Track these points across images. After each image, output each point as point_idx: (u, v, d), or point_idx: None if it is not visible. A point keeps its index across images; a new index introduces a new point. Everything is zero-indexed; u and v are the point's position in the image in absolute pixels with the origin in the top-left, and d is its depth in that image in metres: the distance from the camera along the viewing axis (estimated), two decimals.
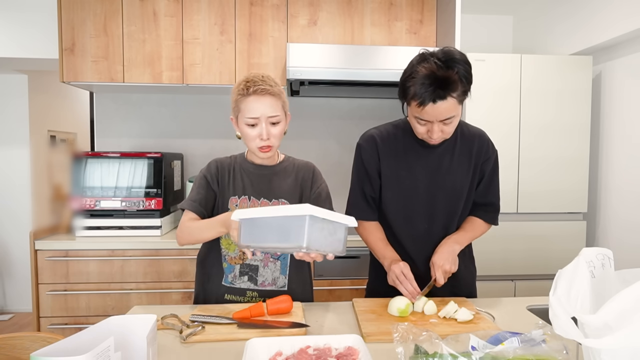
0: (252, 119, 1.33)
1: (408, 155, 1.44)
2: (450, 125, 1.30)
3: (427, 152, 1.43)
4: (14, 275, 3.85)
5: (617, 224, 2.53)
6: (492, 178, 1.51)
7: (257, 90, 1.32)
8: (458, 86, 1.22)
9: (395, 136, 1.46)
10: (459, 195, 1.46)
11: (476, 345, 0.87)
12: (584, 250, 0.82)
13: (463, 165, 1.44)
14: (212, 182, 1.43)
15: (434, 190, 1.43)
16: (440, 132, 1.30)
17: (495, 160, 1.50)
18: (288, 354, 0.99)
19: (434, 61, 1.22)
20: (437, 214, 1.45)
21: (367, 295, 1.59)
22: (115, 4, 2.47)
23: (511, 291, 2.56)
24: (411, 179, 1.43)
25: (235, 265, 1.43)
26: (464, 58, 1.25)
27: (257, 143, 1.35)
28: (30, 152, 3.67)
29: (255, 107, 1.32)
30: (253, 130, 1.34)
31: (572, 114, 2.53)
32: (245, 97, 1.33)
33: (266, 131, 1.33)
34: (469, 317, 1.22)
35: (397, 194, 1.45)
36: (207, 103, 2.93)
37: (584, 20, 2.57)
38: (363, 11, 2.61)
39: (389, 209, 1.48)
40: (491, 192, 1.52)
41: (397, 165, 1.44)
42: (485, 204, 1.53)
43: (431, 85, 1.20)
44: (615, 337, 0.64)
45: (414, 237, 1.46)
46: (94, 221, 2.42)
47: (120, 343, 0.83)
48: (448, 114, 1.26)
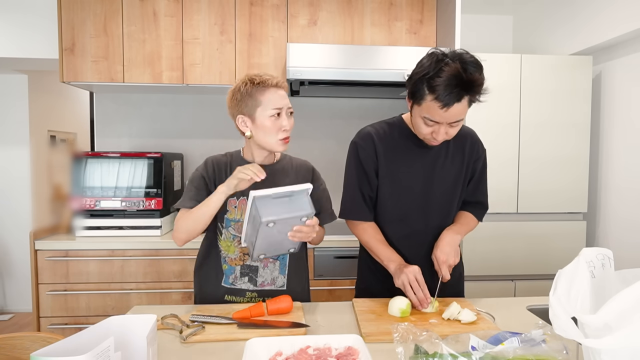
0: (277, 109, 1.35)
1: (405, 154, 1.43)
2: (456, 128, 1.29)
3: (423, 152, 1.43)
4: (14, 275, 3.85)
5: (617, 224, 2.53)
6: (481, 177, 1.52)
7: (277, 83, 1.37)
8: (479, 90, 1.23)
9: (392, 135, 1.45)
10: (453, 194, 1.46)
11: (476, 345, 0.87)
12: (584, 250, 0.82)
13: (456, 164, 1.45)
14: (210, 183, 1.41)
15: (430, 189, 1.43)
16: (445, 134, 1.29)
17: (484, 159, 1.51)
18: (288, 354, 0.99)
19: (459, 62, 1.20)
20: (432, 214, 1.45)
21: (358, 295, 1.59)
22: (115, 4, 2.47)
23: (511, 291, 2.56)
24: (408, 178, 1.43)
25: (236, 266, 1.43)
26: (478, 62, 1.24)
27: (280, 135, 1.36)
28: (30, 152, 3.67)
29: (277, 98, 1.36)
30: (276, 122, 1.35)
31: (572, 114, 2.53)
32: (265, 89, 1.35)
33: (288, 121, 1.36)
34: (473, 318, 1.21)
35: (393, 193, 1.44)
36: (207, 103, 2.93)
37: (584, 20, 2.57)
38: (363, 11, 2.61)
39: (385, 209, 1.46)
40: (480, 191, 1.53)
41: (394, 164, 1.44)
42: (474, 202, 1.53)
43: (457, 86, 1.18)
44: (615, 337, 0.64)
45: (409, 237, 1.45)
46: (94, 221, 2.42)
47: (120, 343, 0.83)
48: (459, 117, 1.25)
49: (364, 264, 1.57)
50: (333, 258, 2.39)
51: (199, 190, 1.40)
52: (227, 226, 1.43)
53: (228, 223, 1.42)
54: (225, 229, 1.43)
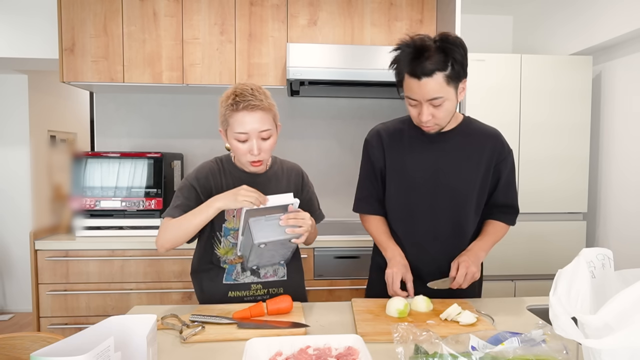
0: (242, 134, 1.29)
1: (413, 148, 1.42)
2: (440, 109, 1.28)
3: (433, 147, 1.41)
4: (14, 275, 3.85)
5: (617, 224, 2.53)
6: (509, 179, 1.48)
7: (248, 105, 1.27)
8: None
9: (401, 130, 1.46)
10: (466, 194, 1.42)
11: (476, 345, 0.87)
12: (584, 250, 0.82)
13: (473, 163, 1.41)
14: (202, 194, 1.37)
15: (437, 184, 1.40)
16: (430, 115, 1.28)
17: (511, 160, 1.47)
18: (288, 354, 0.99)
19: (430, 40, 1.26)
20: (440, 211, 1.42)
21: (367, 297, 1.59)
22: (115, 4, 2.47)
23: (511, 291, 2.56)
24: (413, 171, 1.42)
25: (237, 264, 1.44)
26: (458, 41, 1.26)
27: (248, 158, 1.32)
28: (30, 152, 3.67)
29: (246, 121, 1.28)
30: (243, 145, 1.31)
31: (572, 114, 2.53)
32: (235, 112, 1.28)
33: (257, 146, 1.30)
34: (472, 320, 1.19)
35: (399, 187, 1.44)
36: (207, 103, 2.93)
37: (584, 20, 2.57)
38: (363, 11, 2.61)
39: (392, 203, 1.47)
40: (510, 194, 1.49)
41: (400, 157, 1.43)
42: (504, 206, 1.49)
43: (427, 58, 1.22)
44: (616, 337, 0.64)
45: (418, 235, 1.44)
46: (94, 221, 2.42)
47: (120, 343, 0.82)
48: (435, 94, 1.24)
49: (376, 267, 1.56)
50: (333, 258, 2.39)
51: (188, 201, 1.36)
52: (226, 235, 1.42)
53: (227, 232, 1.42)
54: (224, 237, 1.42)
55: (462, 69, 1.27)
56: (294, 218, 1.27)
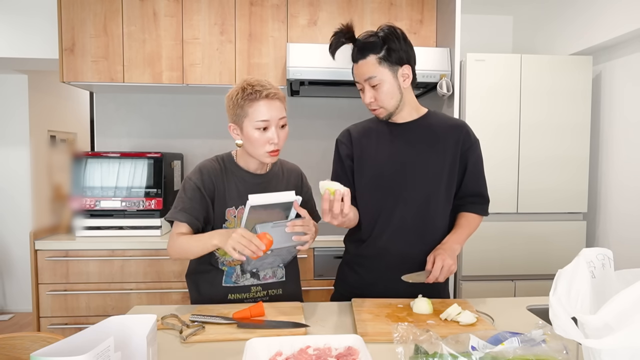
0: (264, 122, 1.31)
1: (379, 141, 1.46)
2: (379, 92, 1.36)
3: (398, 139, 1.44)
4: (14, 275, 3.85)
5: (617, 224, 2.53)
6: (477, 167, 1.48)
7: (269, 94, 1.31)
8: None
9: (370, 127, 1.51)
10: (434, 184, 1.42)
11: (476, 345, 0.87)
12: (584, 250, 0.81)
13: (438, 153, 1.42)
14: (206, 194, 1.37)
15: (404, 176, 1.41)
16: (372, 98, 1.38)
17: (478, 148, 1.48)
18: (288, 354, 0.99)
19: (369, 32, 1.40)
20: (409, 203, 1.41)
21: (336, 291, 1.60)
22: (115, 4, 2.47)
23: (511, 291, 2.56)
24: (379, 164, 1.43)
25: (236, 266, 1.44)
26: (399, 31, 1.37)
27: (267, 148, 1.33)
28: (30, 152, 3.67)
29: (267, 109, 1.31)
30: (263, 135, 1.32)
31: (572, 114, 2.53)
32: (255, 101, 1.30)
33: (277, 135, 1.33)
34: (472, 320, 1.19)
35: (367, 180, 1.45)
36: (207, 103, 2.93)
37: (584, 20, 2.57)
38: (363, 11, 2.61)
39: (361, 197, 1.46)
40: (479, 182, 1.50)
41: (367, 150, 1.46)
42: (474, 195, 1.50)
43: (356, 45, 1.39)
44: (616, 337, 0.64)
45: (389, 228, 1.43)
46: (94, 221, 2.42)
47: (120, 343, 0.82)
48: (369, 74, 1.35)
49: (347, 266, 1.57)
50: (333, 258, 2.39)
51: (193, 202, 1.36)
52: None
53: None
54: None
55: (399, 55, 1.35)
56: (300, 225, 1.26)
